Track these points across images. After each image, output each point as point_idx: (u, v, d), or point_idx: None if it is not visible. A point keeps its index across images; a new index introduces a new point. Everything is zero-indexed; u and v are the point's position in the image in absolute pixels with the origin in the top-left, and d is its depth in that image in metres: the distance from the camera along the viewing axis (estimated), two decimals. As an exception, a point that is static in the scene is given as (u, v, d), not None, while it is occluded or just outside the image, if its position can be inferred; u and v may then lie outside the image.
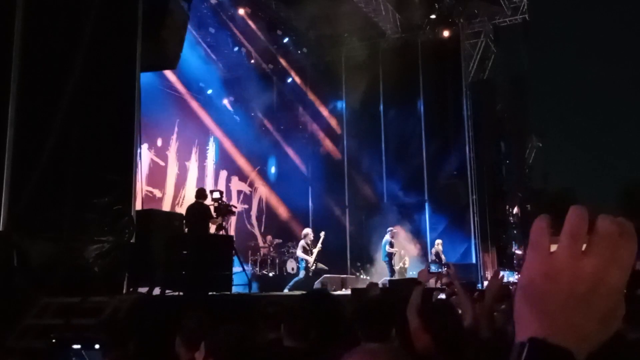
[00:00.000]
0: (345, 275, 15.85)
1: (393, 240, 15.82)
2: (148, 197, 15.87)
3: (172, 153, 18.21)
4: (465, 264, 17.03)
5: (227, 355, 2.39)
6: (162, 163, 17.71)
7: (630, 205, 22.91)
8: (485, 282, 17.21)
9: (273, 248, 16.99)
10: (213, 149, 19.99)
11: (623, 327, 0.71)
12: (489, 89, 19.85)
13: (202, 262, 8.93)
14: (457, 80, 18.46)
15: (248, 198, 21.12)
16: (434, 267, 15.78)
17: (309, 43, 20.19)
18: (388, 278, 14.55)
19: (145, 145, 15.73)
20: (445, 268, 15.28)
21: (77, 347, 3.01)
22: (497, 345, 3.49)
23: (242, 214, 20.25)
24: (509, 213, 21.40)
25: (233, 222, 18.59)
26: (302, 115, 20.95)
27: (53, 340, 3.25)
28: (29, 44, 7.72)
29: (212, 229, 11.35)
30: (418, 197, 18.73)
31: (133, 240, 8.62)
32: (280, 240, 17.20)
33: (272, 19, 18.87)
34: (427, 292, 5.24)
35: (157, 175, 17.40)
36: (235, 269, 10.74)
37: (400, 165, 19.11)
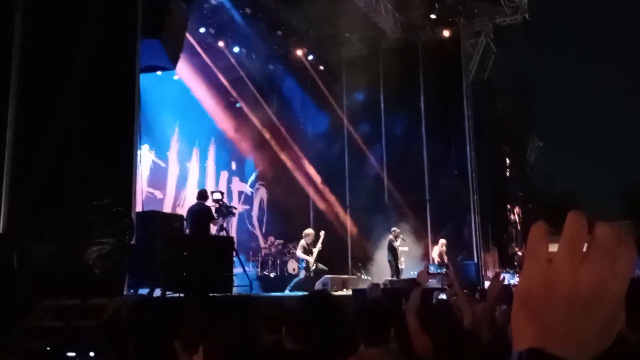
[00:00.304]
0: (347, 276, 15.84)
1: (396, 241, 15.82)
2: (149, 198, 15.87)
3: (172, 154, 18.21)
4: (466, 264, 17.02)
5: (225, 359, 2.38)
6: (162, 164, 17.71)
7: (632, 207, 22.87)
8: (487, 282, 17.20)
9: (274, 249, 16.99)
10: (214, 150, 19.98)
11: (625, 329, 0.70)
12: (490, 89, 19.83)
13: (202, 263, 8.91)
14: (457, 80, 18.44)
15: (249, 199, 21.11)
16: (433, 268, 15.86)
17: (309, 43, 20.18)
18: (389, 278, 14.54)
19: (146, 147, 15.73)
20: (445, 269, 15.34)
21: (71, 355, 2.99)
22: (497, 347, 3.48)
23: (243, 215, 20.24)
24: (510, 213, 21.39)
25: (234, 223, 18.59)
26: (302, 116, 20.94)
27: (47, 348, 3.24)
28: (29, 46, 7.72)
29: (213, 230, 11.36)
30: (419, 197, 18.71)
31: (133, 242, 8.61)
32: (282, 241, 17.19)
33: (272, 20, 18.85)
34: (426, 293, 5.23)
35: (158, 177, 17.39)
36: (236, 270, 10.74)
37: (401, 166, 19.11)
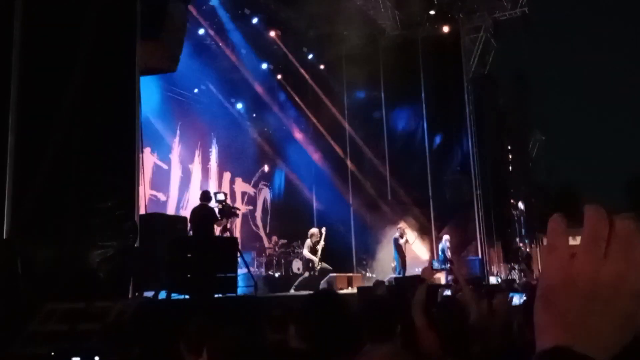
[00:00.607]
0: (352, 274, 15.84)
1: (401, 238, 15.82)
2: (152, 201, 15.88)
3: (175, 156, 18.20)
4: (471, 259, 17.01)
5: (229, 360, 2.36)
6: (165, 166, 17.70)
7: (637, 200, 22.82)
8: (492, 277, 17.19)
9: (278, 248, 17.00)
10: (215, 151, 19.97)
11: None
12: (491, 84, 19.82)
13: (207, 264, 8.90)
14: (458, 76, 18.42)
15: (252, 199, 21.11)
16: (437, 264, 15.85)
17: (309, 42, 20.16)
18: (394, 275, 14.54)
19: (148, 149, 15.73)
20: (450, 265, 15.33)
21: (76, 359, 2.97)
22: (502, 341, 3.47)
23: (246, 215, 20.25)
24: (514, 207, 21.38)
25: (238, 223, 18.59)
26: (304, 115, 20.92)
27: (52, 354, 3.22)
28: (28, 50, 7.71)
29: (216, 231, 11.35)
30: (422, 193, 18.69)
31: (137, 245, 8.60)
32: (285, 241, 17.19)
33: (271, 19, 18.84)
34: (431, 289, 5.22)
35: (160, 179, 17.39)
36: (241, 271, 10.73)
37: (404, 162, 19.09)
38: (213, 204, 11.24)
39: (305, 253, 14.07)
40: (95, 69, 8.21)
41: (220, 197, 11.71)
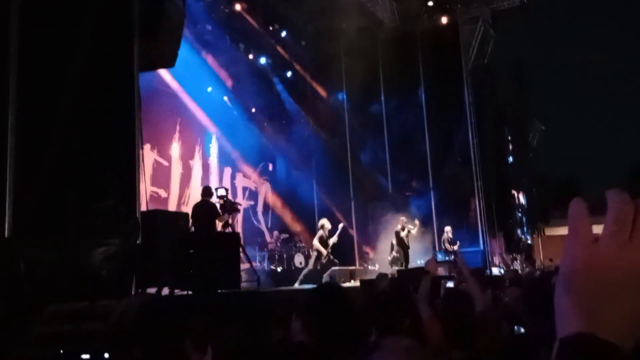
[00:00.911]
0: (354, 267, 15.84)
1: (403, 231, 15.80)
2: (153, 197, 15.87)
3: (175, 152, 18.18)
4: (473, 251, 17.01)
5: (233, 357, 2.36)
6: (165, 163, 17.68)
7: (636, 190, 22.80)
8: (494, 268, 17.20)
9: (280, 243, 17.00)
10: (216, 147, 19.95)
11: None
12: (490, 75, 19.79)
13: (209, 260, 8.90)
14: (457, 67, 18.40)
15: (253, 194, 21.10)
16: (441, 255, 15.85)
17: (307, 36, 20.12)
18: (397, 268, 14.54)
19: (148, 146, 15.70)
20: (453, 256, 15.33)
21: (86, 357, 2.97)
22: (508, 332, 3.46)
23: (248, 211, 20.24)
24: (515, 198, 21.37)
25: (240, 219, 18.58)
26: (303, 109, 20.89)
27: (61, 352, 3.22)
28: (27, 51, 7.69)
29: (218, 227, 11.35)
30: (423, 186, 18.69)
31: (139, 242, 8.60)
32: (287, 235, 17.20)
33: (269, 14, 18.80)
34: (435, 281, 5.22)
35: (161, 176, 17.38)
36: (243, 266, 10.73)
37: (404, 155, 19.09)
38: (214, 200, 11.22)
39: (315, 243, 13.93)
40: (94, 69, 8.19)
41: (222, 192, 11.68)
